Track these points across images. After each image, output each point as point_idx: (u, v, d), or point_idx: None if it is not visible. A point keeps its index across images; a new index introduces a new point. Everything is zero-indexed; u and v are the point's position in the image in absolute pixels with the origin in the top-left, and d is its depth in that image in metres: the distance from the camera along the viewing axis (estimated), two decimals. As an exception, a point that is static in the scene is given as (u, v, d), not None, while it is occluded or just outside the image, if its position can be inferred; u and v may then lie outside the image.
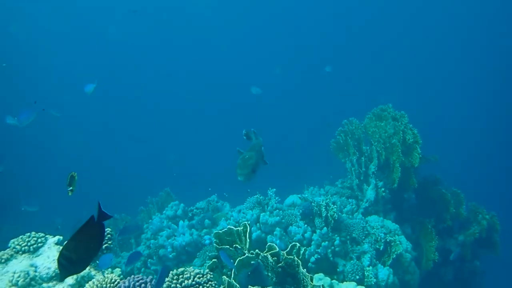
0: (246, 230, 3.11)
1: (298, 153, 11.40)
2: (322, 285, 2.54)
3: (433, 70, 17.56)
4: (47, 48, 16.68)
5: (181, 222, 5.58)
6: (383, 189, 5.21)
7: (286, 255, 2.84)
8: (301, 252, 3.05)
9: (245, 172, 2.45)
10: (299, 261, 2.72)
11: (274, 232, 4.65)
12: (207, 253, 4.77)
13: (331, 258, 4.46)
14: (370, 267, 4.35)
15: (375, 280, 4.26)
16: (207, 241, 5.26)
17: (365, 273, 4.33)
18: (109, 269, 2.59)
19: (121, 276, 2.69)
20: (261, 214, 5.02)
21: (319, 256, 4.42)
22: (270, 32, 18.89)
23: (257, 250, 2.95)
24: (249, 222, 3.18)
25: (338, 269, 4.43)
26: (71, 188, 2.61)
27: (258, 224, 4.95)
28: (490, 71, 17.20)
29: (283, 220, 4.88)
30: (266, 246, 3.07)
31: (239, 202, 6.11)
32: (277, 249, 2.97)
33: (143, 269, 5.42)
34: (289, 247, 3.02)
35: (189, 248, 5.23)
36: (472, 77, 17.67)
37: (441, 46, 18.01)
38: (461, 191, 5.31)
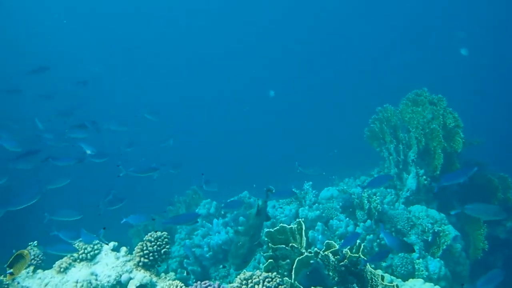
0: (302, 228, 2.96)
1: (325, 144, 11.20)
2: (396, 285, 2.37)
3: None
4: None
5: (215, 221, 5.46)
6: (424, 177, 5.01)
7: (350, 253, 2.68)
8: (361, 249, 2.88)
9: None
10: (364, 257, 2.57)
11: (316, 227, 4.48)
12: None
13: (378, 252, 4.29)
14: (420, 259, 4.17)
15: (426, 273, 4.08)
16: (244, 239, 5.13)
17: (415, 266, 4.15)
18: (172, 275, 2.47)
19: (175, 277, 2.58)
20: (300, 209, 4.87)
21: (365, 250, 4.25)
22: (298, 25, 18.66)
23: (316, 249, 2.79)
24: (303, 220, 3.02)
25: (384, 263, 4.26)
26: (10, 271, 2.34)
27: (297, 219, 4.80)
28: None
29: (323, 214, 4.72)
30: (324, 244, 2.91)
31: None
32: (337, 247, 2.81)
33: (179, 269, 5.32)
34: (350, 244, 2.85)
35: (226, 246, 5.10)
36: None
37: (476, 21, 17.19)
38: (508, 175, 5.07)
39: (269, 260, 2.92)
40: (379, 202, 4.54)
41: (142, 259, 2.45)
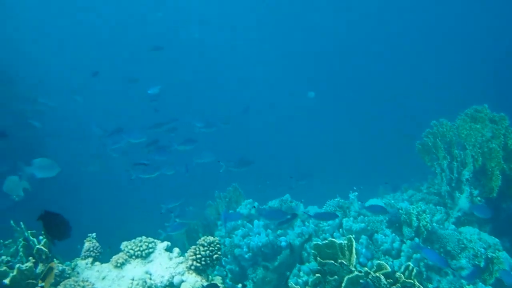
0: (352, 245, 2.89)
1: (368, 154, 11.00)
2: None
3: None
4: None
5: (256, 222, 5.48)
6: (479, 198, 4.78)
7: (404, 277, 2.60)
8: (413, 273, 2.78)
9: None
10: (420, 286, 2.48)
11: (360, 240, 4.40)
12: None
13: (424, 272, 4.14)
14: (471, 285, 3.98)
15: (476, 300, 3.90)
16: (283, 243, 5.11)
17: (465, 292, 3.97)
18: (219, 279, 2.51)
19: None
20: (344, 219, 4.78)
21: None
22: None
23: (366, 269, 2.73)
24: (354, 236, 2.96)
25: (431, 285, 4.11)
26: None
27: (341, 229, 4.73)
28: None
29: (368, 227, 4.61)
30: (375, 264, 2.84)
31: (308, 202, 5.92)
32: (389, 269, 2.73)
33: (217, 267, 5.39)
34: (403, 267, 2.77)
35: (265, 249, 5.11)
36: None
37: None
38: None
39: (317, 275, 2.89)
40: (429, 220, 4.37)
41: (194, 262, 2.50)
